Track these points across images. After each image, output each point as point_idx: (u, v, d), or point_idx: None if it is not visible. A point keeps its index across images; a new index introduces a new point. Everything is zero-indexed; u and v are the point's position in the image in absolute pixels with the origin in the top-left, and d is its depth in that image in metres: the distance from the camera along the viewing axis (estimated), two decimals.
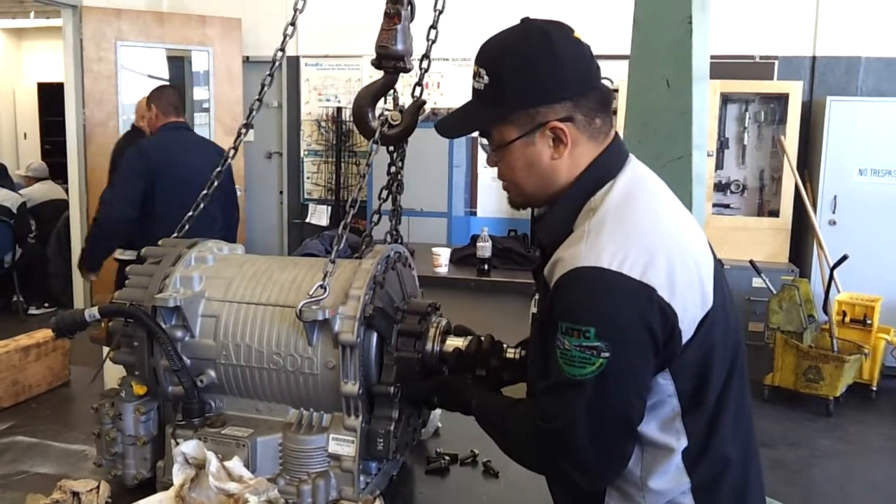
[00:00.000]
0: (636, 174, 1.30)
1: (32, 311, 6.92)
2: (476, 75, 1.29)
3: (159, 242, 1.72)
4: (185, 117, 4.17)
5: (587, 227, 1.21)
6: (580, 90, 1.26)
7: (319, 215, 7.30)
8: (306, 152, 7.37)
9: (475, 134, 1.37)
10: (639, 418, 1.19)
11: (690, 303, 1.18)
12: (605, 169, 1.28)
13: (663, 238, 1.20)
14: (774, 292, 5.18)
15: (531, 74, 1.25)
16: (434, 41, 1.73)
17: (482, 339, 1.55)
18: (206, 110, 6.88)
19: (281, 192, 7.46)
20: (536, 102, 1.25)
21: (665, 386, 1.20)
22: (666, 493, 1.23)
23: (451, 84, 6.59)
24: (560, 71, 1.25)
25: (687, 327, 1.18)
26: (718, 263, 1.32)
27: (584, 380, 1.14)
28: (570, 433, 1.16)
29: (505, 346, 1.53)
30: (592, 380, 1.13)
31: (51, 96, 9.00)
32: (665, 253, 1.18)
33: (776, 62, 6.10)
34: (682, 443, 1.22)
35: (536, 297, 1.33)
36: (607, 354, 1.12)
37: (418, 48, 1.73)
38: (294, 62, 7.16)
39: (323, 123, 7.25)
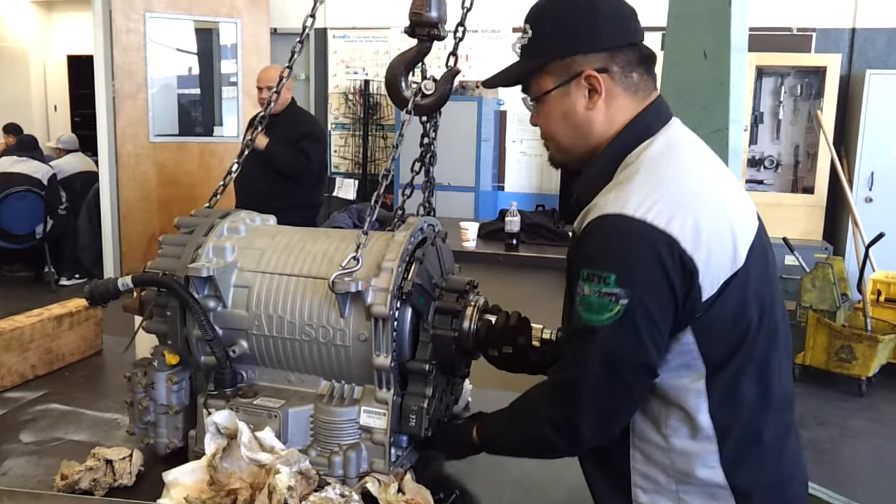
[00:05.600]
0: (677, 135, 1.29)
1: (63, 281, 7.03)
2: (522, 32, 1.33)
3: (192, 212, 1.71)
4: None
5: (620, 178, 1.22)
6: (617, 42, 1.27)
7: (347, 189, 7.31)
8: (333, 125, 7.37)
9: (518, 97, 1.39)
10: (652, 366, 1.18)
11: (716, 260, 1.16)
12: (644, 125, 1.28)
13: (694, 193, 1.20)
14: (807, 270, 5.10)
15: (568, 23, 1.28)
16: (469, 8, 1.69)
17: (510, 314, 1.54)
18: (234, 84, 6.88)
19: None
20: (572, 51, 1.27)
21: (689, 345, 1.19)
22: (692, 454, 1.22)
23: (480, 57, 6.52)
24: (597, 21, 1.27)
25: (709, 284, 1.16)
26: (767, 241, 1.30)
27: (600, 326, 1.15)
28: (582, 379, 1.19)
29: (542, 328, 1.52)
30: (609, 326, 1.14)
31: (81, 69, 9.06)
32: (693, 206, 1.17)
33: (814, 34, 5.96)
34: (706, 405, 1.20)
35: None
36: (626, 301, 1.13)
37: (452, 17, 1.70)
38: (321, 34, 7.13)
39: (350, 96, 7.23)
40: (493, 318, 1.53)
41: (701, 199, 1.19)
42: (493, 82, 1.39)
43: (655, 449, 1.25)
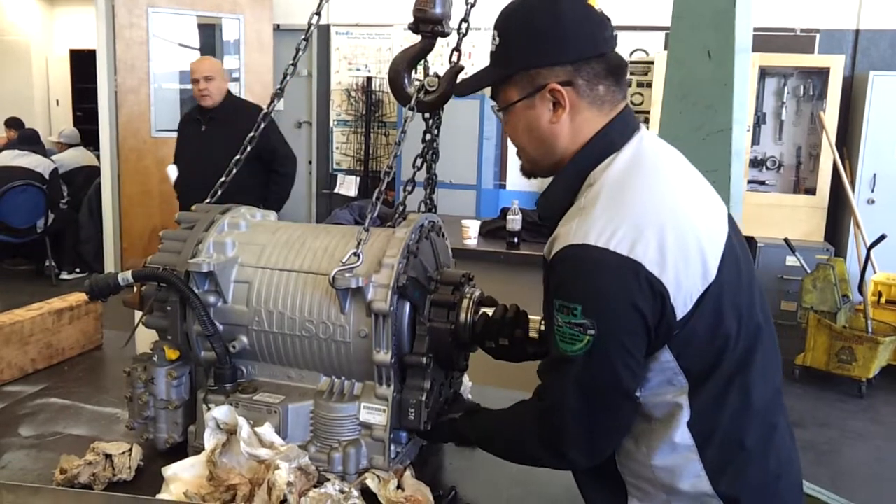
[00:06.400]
0: (641, 148, 1.27)
1: (64, 275, 7.02)
2: (492, 38, 1.32)
3: (193, 207, 1.71)
4: None
5: (582, 204, 1.21)
6: (583, 55, 1.25)
7: (348, 186, 7.30)
8: (335, 122, 7.36)
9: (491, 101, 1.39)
10: (630, 391, 1.19)
11: (686, 278, 1.15)
12: (607, 141, 1.26)
13: (657, 212, 1.18)
14: (809, 271, 5.10)
15: (533, 35, 1.26)
16: (473, 4, 1.69)
17: (507, 307, 1.54)
18: (237, 79, 6.87)
19: (310, 163, 7.47)
20: (537, 63, 1.26)
21: (668, 363, 1.19)
22: (675, 467, 1.22)
23: (482, 54, 6.51)
24: (562, 33, 1.25)
25: (682, 303, 1.15)
26: (739, 242, 1.29)
27: (573, 356, 1.16)
28: (562, 407, 1.20)
29: (540, 319, 1.52)
30: (581, 356, 1.15)
31: (83, 63, 9.06)
32: (656, 227, 1.15)
33: (817, 35, 5.95)
34: (687, 418, 1.20)
35: None
36: (593, 332, 1.14)
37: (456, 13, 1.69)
38: (324, 31, 7.13)
39: (353, 93, 7.22)
40: (490, 311, 1.53)
41: (665, 217, 1.17)
42: (461, 89, 1.39)
43: (638, 465, 1.25)
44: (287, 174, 4.60)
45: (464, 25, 1.69)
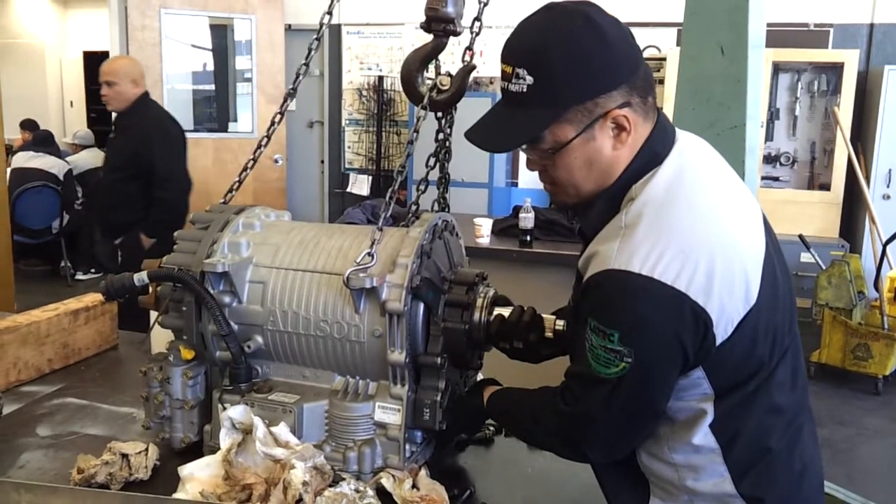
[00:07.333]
0: (683, 158, 1.22)
1: (79, 276, 7.08)
2: (512, 77, 1.18)
3: (207, 208, 1.71)
4: None
5: (623, 222, 1.16)
6: (632, 71, 1.18)
7: (360, 185, 7.31)
8: (347, 122, 7.37)
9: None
10: (660, 411, 1.19)
11: (729, 304, 1.12)
12: (652, 153, 1.21)
13: (704, 236, 1.13)
14: (823, 268, 5.07)
15: (585, 65, 1.15)
16: (486, 3, 1.68)
17: (524, 310, 1.53)
18: (249, 80, 6.90)
19: (322, 162, 7.48)
20: (594, 93, 1.16)
21: (698, 379, 1.18)
22: (698, 467, 1.22)
23: (494, 52, 6.50)
24: (613, 55, 1.16)
25: (723, 330, 1.13)
26: (774, 246, 1.26)
27: (606, 378, 1.14)
28: (587, 418, 1.21)
29: (554, 319, 1.51)
30: (615, 380, 1.14)
31: (96, 65, 9.10)
32: (704, 253, 1.11)
33: (831, 30, 5.90)
34: (710, 421, 1.20)
35: None
36: (630, 360, 1.11)
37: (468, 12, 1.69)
38: (336, 30, 7.14)
39: (364, 92, 7.22)
40: (505, 312, 1.53)
41: (711, 243, 1.13)
42: (497, 145, 1.26)
43: (661, 464, 1.25)
44: (165, 200, 3.85)
45: (476, 24, 1.68)
